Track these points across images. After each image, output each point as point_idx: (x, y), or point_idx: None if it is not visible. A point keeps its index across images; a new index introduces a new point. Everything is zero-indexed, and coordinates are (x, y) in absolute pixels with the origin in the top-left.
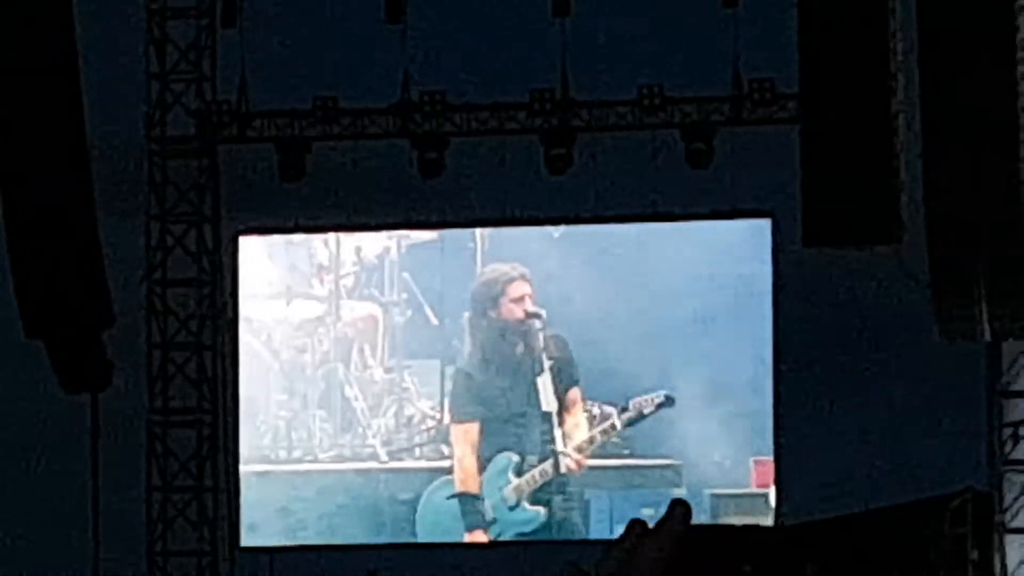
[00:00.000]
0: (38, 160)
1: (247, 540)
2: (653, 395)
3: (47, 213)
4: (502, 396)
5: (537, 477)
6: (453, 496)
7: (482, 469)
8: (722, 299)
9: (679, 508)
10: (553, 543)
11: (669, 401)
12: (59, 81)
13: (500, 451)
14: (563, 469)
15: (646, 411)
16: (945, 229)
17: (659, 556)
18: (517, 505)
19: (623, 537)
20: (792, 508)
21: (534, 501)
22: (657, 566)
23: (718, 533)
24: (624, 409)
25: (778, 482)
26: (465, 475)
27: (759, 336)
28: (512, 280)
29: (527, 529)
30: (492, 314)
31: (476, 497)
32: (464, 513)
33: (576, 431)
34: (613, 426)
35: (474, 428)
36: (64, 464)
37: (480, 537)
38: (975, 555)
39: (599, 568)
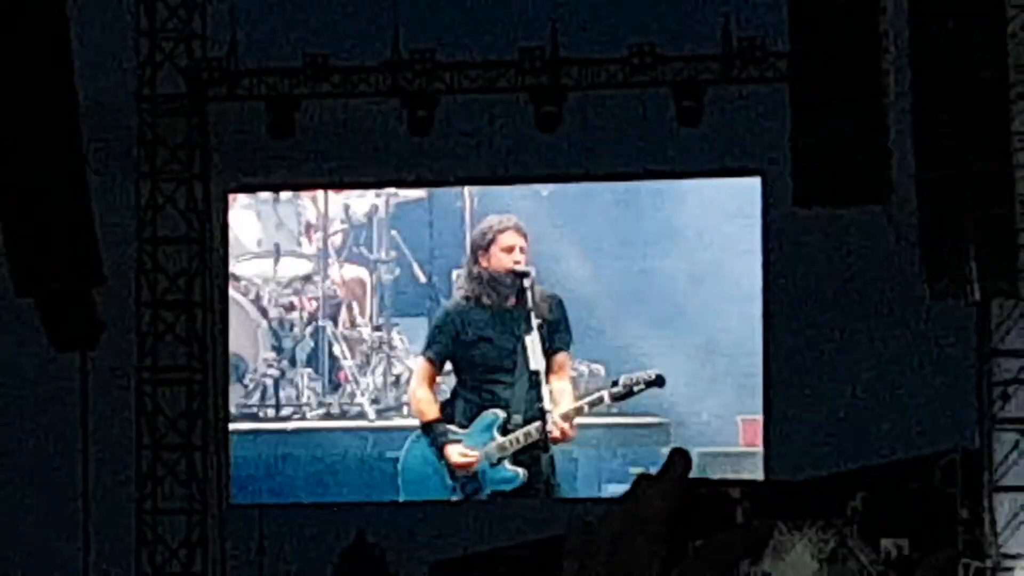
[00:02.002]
0: (27, 119)
1: (236, 498)
2: (644, 373)
3: (37, 172)
4: (486, 345)
5: (521, 438)
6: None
7: (443, 408)
8: (711, 257)
9: (679, 457)
10: (541, 499)
11: (659, 380)
12: (48, 39)
13: (485, 407)
14: (550, 432)
15: (636, 389)
16: (935, 188)
17: (663, 505)
18: (499, 463)
19: (630, 490)
20: (781, 467)
21: (516, 462)
22: (661, 515)
23: (714, 486)
24: (614, 383)
25: (767, 441)
26: (418, 408)
27: (748, 295)
28: (503, 229)
29: (507, 488)
30: (483, 263)
31: (435, 423)
32: (432, 439)
33: (563, 396)
34: (601, 399)
35: (430, 366)
36: (54, 422)
37: (459, 456)
38: (965, 513)
39: (605, 520)
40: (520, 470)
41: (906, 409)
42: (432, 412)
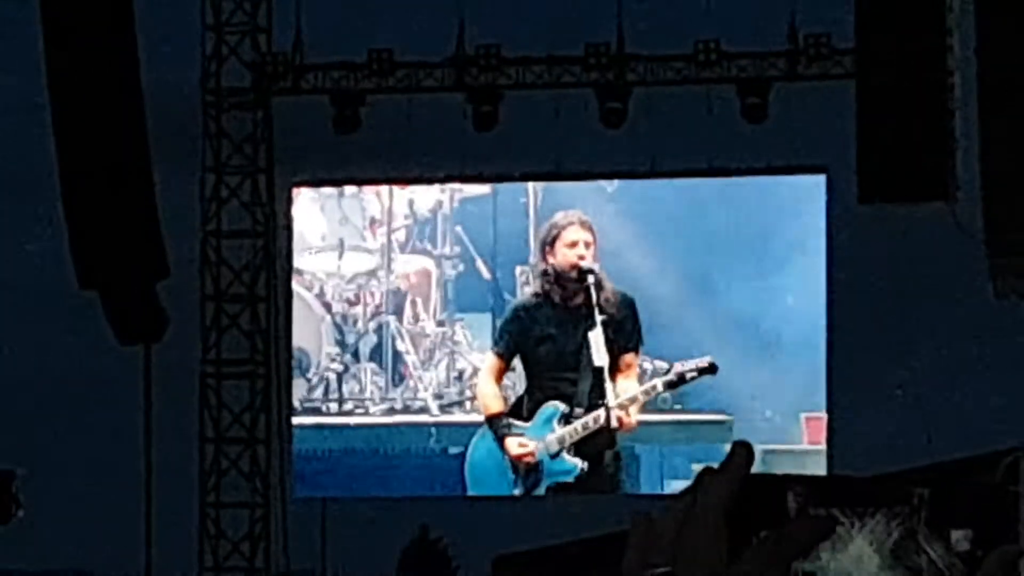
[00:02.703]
0: (93, 112)
1: (299, 492)
2: (696, 360)
3: (102, 165)
4: (551, 342)
5: (580, 429)
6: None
7: (505, 401)
8: (775, 254)
9: (740, 448)
10: (604, 495)
11: (712, 368)
12: (114, 33)
13: (548, 399)
14: (612, 424)
15: (688, 376)
16: (1000, 186)
17: (725, 496)
18: (559, 454)
19: (693, 483)
20: (844, 465)
21: (577, 453)
22: (723, 507)
23: (770, 477)
24: (667, 371)
25: (830, 439)
26: (484, 402)
27: (812, 292)
28: (566, 225)
29: (565, 479)
30: (549, 259)
31: (498, 416)
32: (495, 432)
33: (625, 394)
34: (655, 387)
35: (498, 361)
36: (117, 416)
37: (518, 447)
38: None
39: (668, 513)
40: (579, 461)
41: (971, 407)
42: (496, 406)
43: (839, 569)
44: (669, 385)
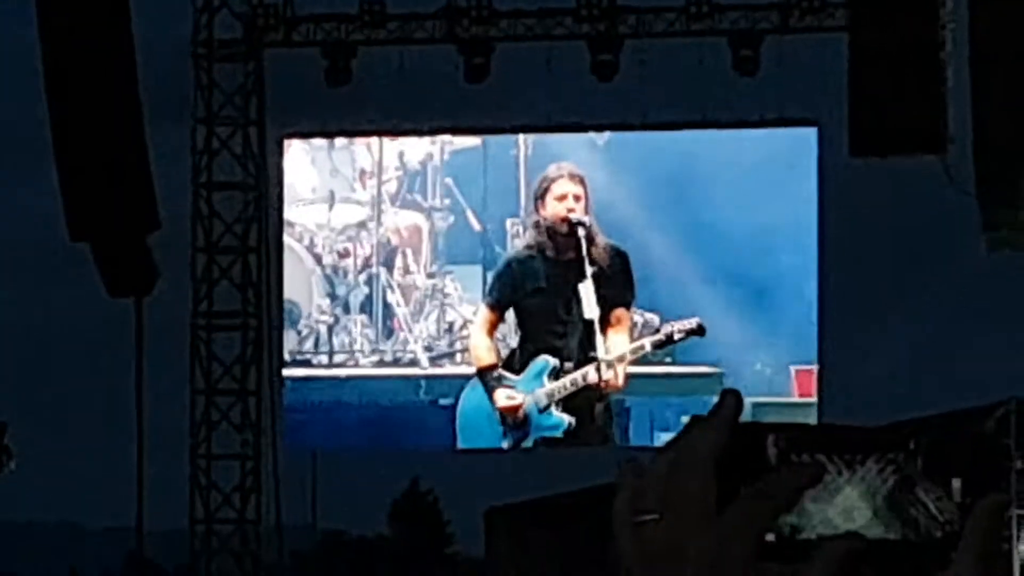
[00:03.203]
0: (84, 64)
1: (290, 444)
2: (685, 321)
3: (93, 117)
4: (543, 294)
5: (568, 384)
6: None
7: (498, 353)
8: (767, 207)
9: (730, 397)
10: (594, 447)
11: (700, 329)
12: None
13: (539, 353)
14: (599, 379)
15: (676, 337)
16: (992, 138)
17: (713, 444)
18: (547, 409)
19: (682, 431)
20: (835, 418)
21: (567, 409)
22: (711, 454)
23: (758, 428)
24: (656, 331)
25: (821, 391)
26: (476, 354)
27: (803, 245)
28: (556, 178)
29: (553, 434)
30: (541, 211)
31: (490, 369)
32: (485, 384)
33: (619, 350)
34: (643, 347)
35: (490, 313)
36: (109, 368)
37: (506, 399)
38: (1019, 464)
39: (656, 461)
40: (567, 417)
41: (962, 360)
42: (488, 358)
43: (826, 521)
44: (657, 345)
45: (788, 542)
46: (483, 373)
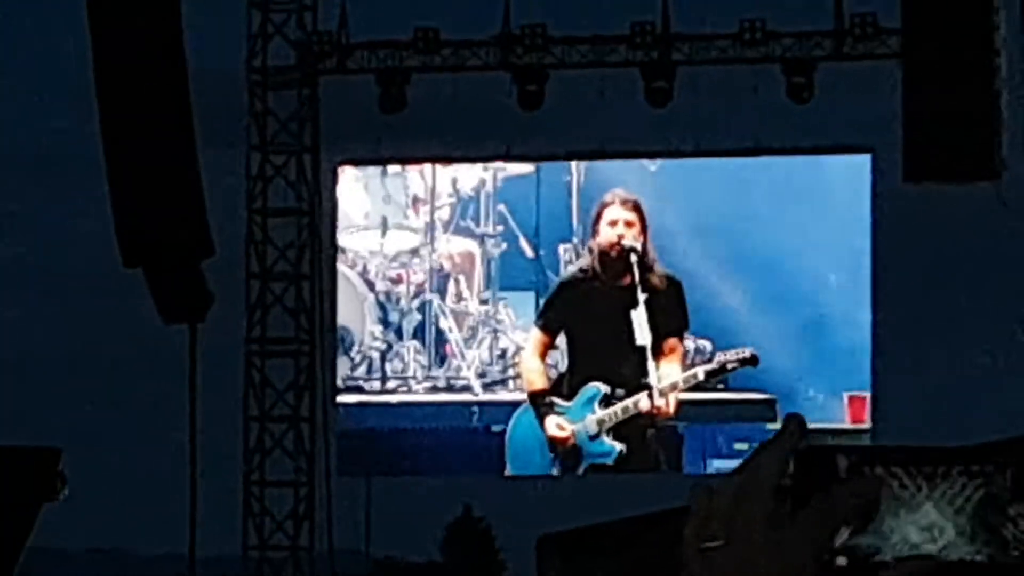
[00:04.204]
0: (138, 90)
1: (343, 470)
2: (738, 351)
3: (147, 143)
4: (596, 320)
5: (620, 412)
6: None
7: (549, 378)
8: (821, 234)
9: (794, 421)
10: (648, 474)
11: (753, 359)
12: (160, 11)
13: (590, 378)
14: (651, 407)
15: (729, 366)
16: None
17: (777, 468)
18: (597, 436)
19: (750, 457)
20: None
21: (618, 436)
22: (774, 480)
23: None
24: (708, 360)
25: (874, 418)
26: (528, 378)
27: (857, 272)
28: (609, 203)
29: (604, 462)
30: (596, 237)
31: (541, 393)
32: (537, 410)
33: (670, 378)
34: (696, 376)
35: (543, 336)
36: (163, 394)
37: (556, 428)
38: None
39: (724, 485)
40: (618, 444)
41: (1015, 387)
42: (540, 383)
43: (905, 540)
44: (710, 374)
45: (861, 563)
46: (534, 397)
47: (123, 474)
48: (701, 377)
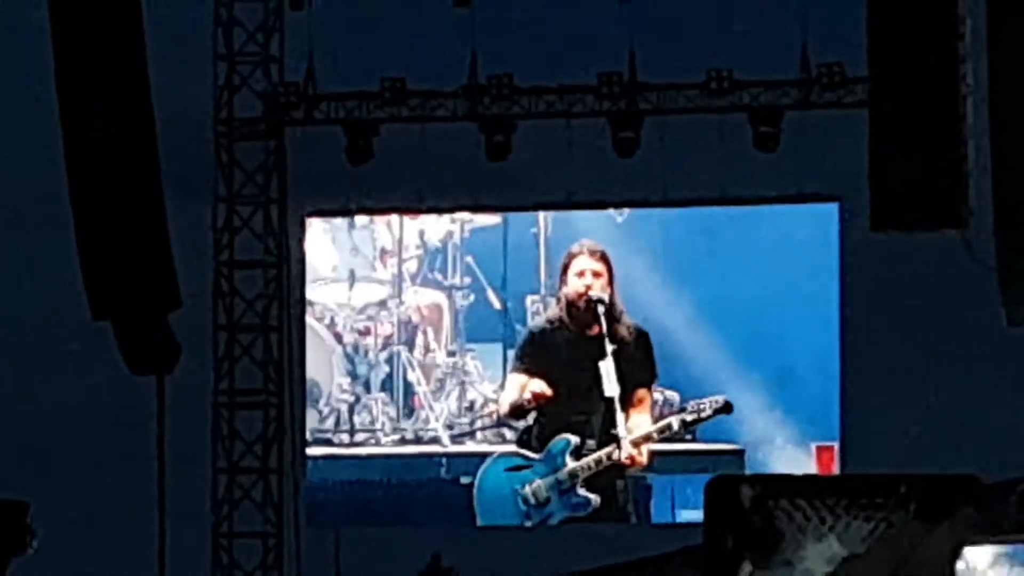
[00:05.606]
0: (104, 141)
1: (312, 522)
2: (712, 399)
3: (113, 195)
4: (563, 371)
5: (592, 464)
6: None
7: (521, 435)
8: (788, 284)
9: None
10: (615, 525)
11: (727, 407)
12: (126, 62)
13: (559, 430)
14: (622, 458)
15: (703, 415)
16: (1013, 213)
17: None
18: (571, 489)
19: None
20: None
21: (590, 488)
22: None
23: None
24: (682, 410)
25: (843, 468)
26: (506, 398)
27: (824, 321)
28: (576, 254)
29: (579, 514)
30: (563, 287)
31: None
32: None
33: (640, 430)
34: (670, 426)
35: (523, 379)
36: (130, 446)
37: (524, 485)
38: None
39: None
40: (593, 496)
41: (985, 436)
42: (518, 401)
43: (809, 571)
44: (684, 424)
45: None
46: (507, 423)
47: (91, 526)
48: (676, 427)
